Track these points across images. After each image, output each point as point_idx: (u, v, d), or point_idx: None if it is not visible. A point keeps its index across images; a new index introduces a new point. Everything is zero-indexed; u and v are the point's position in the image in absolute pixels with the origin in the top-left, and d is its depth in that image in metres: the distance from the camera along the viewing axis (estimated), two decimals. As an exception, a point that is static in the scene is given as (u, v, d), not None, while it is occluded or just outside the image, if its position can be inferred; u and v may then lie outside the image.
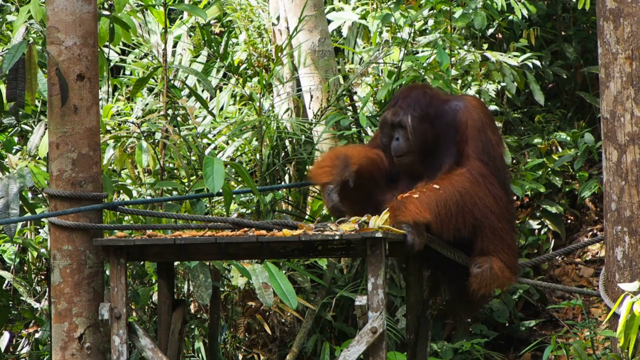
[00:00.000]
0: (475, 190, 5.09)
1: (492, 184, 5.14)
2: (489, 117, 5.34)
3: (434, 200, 5.00)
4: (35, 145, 6.45)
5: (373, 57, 8.34)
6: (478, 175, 5.12)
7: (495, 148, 5.24)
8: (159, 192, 6.83)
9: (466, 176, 5.11)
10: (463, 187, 5.07)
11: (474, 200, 5.07)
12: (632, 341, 4.85)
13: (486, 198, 5.11)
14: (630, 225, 5.09)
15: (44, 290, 7.07)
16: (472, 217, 5.08)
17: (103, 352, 5.30)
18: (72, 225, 5.22)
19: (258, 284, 6.12)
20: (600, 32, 5.18)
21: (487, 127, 5.25)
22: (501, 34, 9.46)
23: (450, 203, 5.02)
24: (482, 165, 5.16)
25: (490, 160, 5.19)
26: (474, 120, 5.25)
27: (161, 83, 7.18)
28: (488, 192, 5.12)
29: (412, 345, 5.52)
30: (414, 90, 5.39)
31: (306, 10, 8.04)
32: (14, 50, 5.18)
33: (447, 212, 5.02)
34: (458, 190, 5.06)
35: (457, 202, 5.03)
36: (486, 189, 5.11)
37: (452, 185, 5.07)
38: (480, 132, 5.22)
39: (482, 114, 5.28)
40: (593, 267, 8.79)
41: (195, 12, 6.93)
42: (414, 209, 4.98)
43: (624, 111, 5.10)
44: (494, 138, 5.26)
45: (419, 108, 5.29)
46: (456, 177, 5.11)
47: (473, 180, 5.10)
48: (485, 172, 5.15)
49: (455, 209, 5.03)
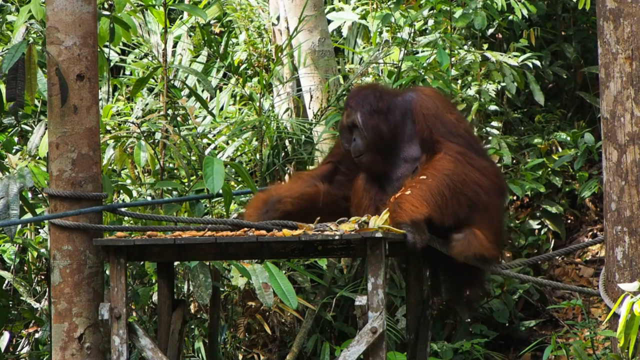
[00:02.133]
0: (460, 169, 5.09)
1: (472, 158, 5.15)
2: (442, 101, 5.35)
3: (427, 191, 5.00)
4: (35, 145, 6.45)
5: (373, 57, 8.34)
6: (456, 154, 5.12)
7: (458, 125, 5.25)
8: (159, 192, 6.83)
9: (446, 159, 5.11)
10: (448, 169, 5.07)
11: (462, 179, 5.07)
12: (632, 341, 4.85)
13: (472, 174, 5.11)
14: (630, 225, 5.09)
15: (44, 290, 7.07)
16: (465, 197, 5.08)
17: (103, 352, 5.30)
18: (72, 226, 5.22)
19: (258, 284, 6.12)
20: (600, 32, 5.18)
21: (442, 110, 5.26)
22: (501, 34, 9.46)
23: (443, 188, 5.02)
24: (455, 145, 5.16)
25: (460, 137, 5.20)
26: (427, 108, 5.26)
27: (161, 83, 7.18)
28: (472, 167, 5.12)
29: (412, 345, 5.52)
30: (363, 90, 5.42)
31: (306, 10, 8.04)
32: (14, 50, 5.18)
33: (442, 199, 5.02)
34: (445, 174, 5.06)
35: (448, 185, 5.04)
36: (469, 165, 5.12)
37: (437, 171, 5.07)
38: (437, 117, 5.24)
39: (435, 100, 5.30)
40: (593, 267, 8.79)
41: (195, 12, 6.94)
42: (409, 206, 4.98)
43: (624, 111, 5.10)
44: (453, 117, 5.27)
45: (367, 104, 5.29)
46: (437, 162, 5.12)
47: (454, 160, 5.10)
48: (461, 149, 5.15)
49: (448, 192, 5.03)
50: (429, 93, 5.38)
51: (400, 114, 5.32)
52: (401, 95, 5.39)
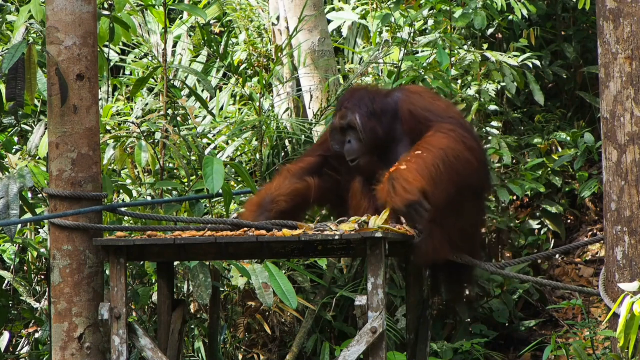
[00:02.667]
0: (454, 145, 5.07)
1: (464, 136, 5.13)
2: (429, 95, 5.35)
3: (423, 165, 4.97)
4: (35, 145, 6.45)
5: (373, 57, 8.34)
6: (448, 131, 5.11)
7: (448, 110, 5.24)
8: (159, 192, 6.83)
9: (439, 135, 5.09)
10: (443, 144, 5.05)
11: (455, 154, 5.05)
12: (632, 341, 4.85)
13: (465, 152, 5.08)
14: (630, 225, 5.09)
15: (44, 290, 7.07)
16: (457, 174, 5.06)
17: (103, 352, 5.30)
18: (72, 226, 5.22)
19: (258, 284, 6.12)
20: (600, 32, 5.18)
21: (430, 101, 5.26)
22: (501, 34, 9.46)
23: (438, 161, 4.99)
24: (447, 124, 5.15)
25: (451, 118, 5.18)
26: (413, 103, 5.26)
27: (161, 83, 7.18)
28: (464, 145, 5.10)
29: (412, 345, 5.52)
30: (357, 92, 5.41)
31: (306, 10, 8.04)
32: (14, 50, 5.18)
33: (437, 172, 4.98)
34: (441, 148, 5.03)
35: (443, 159, 5.01)
36: (461, 142, 5.10)
37: (432, 146, 5.04)
38: (425, 109, 5.23)
39: (422, 94, 5.31)
40: (593, 267, 8.79)
41: (195, 12, 6.94)
42: (401, 188, 4.92)
43: (624, 111, 5.10)
44: (442, 104, 5.27)
45: (364, 106, 5.29)
46: (431, 138, 5.10)
47: (447, 136, 5.09)
48: (453, 127, 5.13)
49: (443, 166, 5.01)
50: (415, 90, 5.39)
51: (391, 115, 5.32)
52: (390, 96, 5.38)
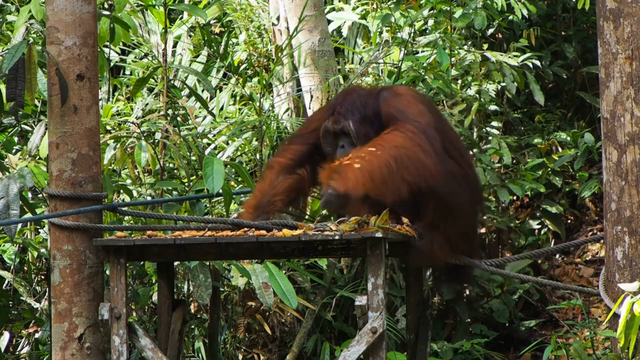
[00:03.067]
0: (409, 144, 5.03)
1: (421, 138, 5.07)
2: (410, 96, 5.29)
3: (376, 165, 4.94)
4: (36, 145, 6.45)
5: (373, 57, 8.34)
6: (406, 130, 5.07)
7: (420, 114, 5.18)
8: (159, 192, 6.83)
9: (395, 133, 5.06)
10: (397, 142, 5.02)
11: (408, 154, 5.01)
12: (632, 341, 4.85)
13: (419, 153, 5.04)
14: (630, 225, 5.09)
15: (44, 290, 7.07)
16: (409, 174, 5.02)
17: (103, 352, 5.30)
18: (72, 226, 5.22)
19: (258, 284, 6.12)
20: (600, 32, 5.18)
21: (405, 104, 5.21)
22: (501, 34, 9.46)
23: (391, 160, 4.96)
24: (409, 125, 5.11)
25: (415, 121, 5.13)
26: (391, 106, 5.22)
27: (161, 83, 7.18)
28: (420, 147, 5.06)
29: (412, 345, 5.52)
30: (349, 95, 5.36)
31: (306, 10, 8.04)
32: (14, 50, 5.18)
33: (389, 171, 4.95)
34: (394, 145, 5.00)
35: (395, 157, 4.98)
36: (417, 145, 5.06)
37: (386, 142, 5.01)
38: (397, 110, 5.19)
39: (401, 97, 5.26)
40: (593, 267, 8.79)
41: (195, 12, 6.94)
42: (351, 178, 4.89)
43: (624, 111, 5.10)
44: (415, 108, 5.20)
45: (357, 112, 5.26)
46: (387, 135, 5.07)
47: (403, 135, 5.05)
48: (413, 129, 5.09)
49: (395, 165, 4.97)
50: (398, 91, 5.34)
51: (378, 118, 5.29)
52: (378, 97, 5.34)
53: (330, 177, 4.92)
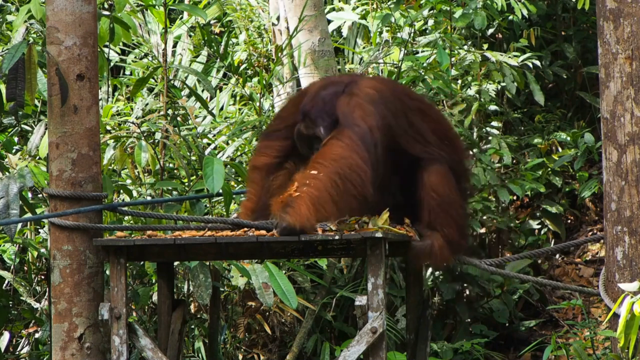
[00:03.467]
0: (347, 153, 4.99)
1: (357, 144, 5.02)
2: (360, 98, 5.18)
3: (324, 191, 4.91)
4: (35, 145, 6.45)
5: (373, 57, 8.34)
6: (343, 138, 5.02)
7: (362, 118, 5.10)
8: (159, 192, 6.83)
9: (334, 143, 5.01)
10: (337, 154, 4.98)
11: (349, 163, 4.98)
12: (632, 341, 4.85)
13: (357, 160, 5.00)
14: (630, 225, 5.09)
15: (44, 290, 7.07)
16: (352, 185, 4.99)
17: (103, 352, 5.30)
18: (72, 226, 5.22)
19: (258, 284, 6.12)
20: (600, 32, 5.18)
21: (351, 109, 5.13)
22: (501, 34, 9.46)
23: (335, 178, 4.92)
24: (347, 130, 5.05)
25: (355, 125, 5.07)
26: (342, 110, 5.15)
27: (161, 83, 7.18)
28: (357, 154, 5.01)
29: (412, 345, 5.52)
30: (318, 96, 5.28)
31: (306, 10, 8.04)
32: (14, 50, 5.18)
33: (336, 191, 4.93)
34: (334, 159, 4.96)
35: (338, 173, 4.94)
36: (355, 152, 5.01)
37: (327, 160, 4.97)
38: (343, 115, 5.12)
39: (350, 99, 5.16)
40: (593, 267, 8.80)
41: (195, 12, 6.94)
42: (304, 211, 4.88)
43: (624, 111, 5.10)
44: (359, 112, 5.12)
45: (327, 117, 5.19)
46: (327, 148, 5.02)
47: (343, 145, 5.00)
48: (350, 134, 5.04)
49: (340, 182, 4.94)
50: (355, 91, 5.22)
51: None
52: (342, 91, 5.25)
53: (283, 210, 4.89)
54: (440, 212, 5.25)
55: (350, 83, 5.28)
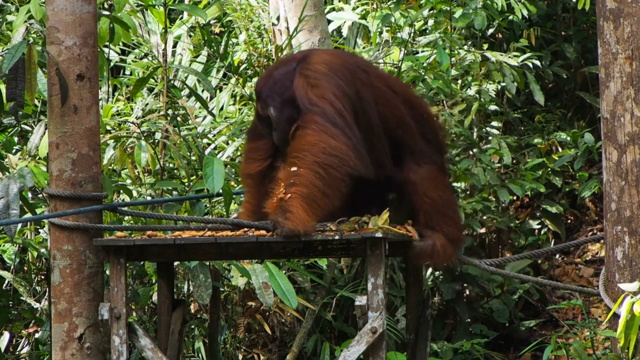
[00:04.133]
0: (320, 138, 4.95)
1: (324, 126, 4.97)
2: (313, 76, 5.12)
3: (313, 189, 4.89)
4: (35, 145, 6.45)
5: (373, 57, 8.34)
6: (311, 124, 4.98)
7: (317, 100, 5.05)
8: (159, 192, 6.83)
9: (303, 132, 4.97)
10: (308, 141, 4.94)
11: (322, 148, 4.94)
12: (632, 341, 4.85)
13: (332, 141, 4.96)
14: (630, 225, 5.09)
15: (44, 290, 7.07)
16: (336, 169, 4.95)
17: (103, 352, 5.30)
18: (72, 226, 5.22)
19: (258, 284, 6.12)
20: (600, 32, 5.18)
21: (305, 90, 5.07)
22: (501, 34, 9.46)
23: (317, 168, 4.89)
24: (312, 116, 5.00)
25: (315, 106, 5.02)
26: (299, 92, 5.08)
27: (161, 83, 7.18)
28: (326, 135, 4.96)
29: (412, 345, 5.52)
30: (270, 77, 5.20)
31: (306, 10, 8.04)
32: (14, 50, 5.18)
33: (323, 182, 4.91)
34: (307, 149, 4.92)
35: (317, 161, 4.90)
36: (323, 133, 4.97)
37: (300, 150, 4.94)
38: (301, 97, 5.06)
39: (311, 71, 5.11)
40: (593, 267, 8.80)
41: (195, 12, 6.94)
42: (301, 216, 4.87)
43: (624, 111, 5.10)
44: (315, 92, 5.05)
45: (277, 97, 5.12)
46: (297, 141, 4.98)
47: (310, 132, 4.96)
48: (317, 119, 4.99)
49: (323, 172, 4.91)
50: (306, 72, 5.14)
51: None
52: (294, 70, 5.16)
53: (282, 216, 4.88)
54: (437, 214, 5.25)
55: (301, 60, 5.19)
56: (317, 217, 4.91)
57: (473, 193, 8.16)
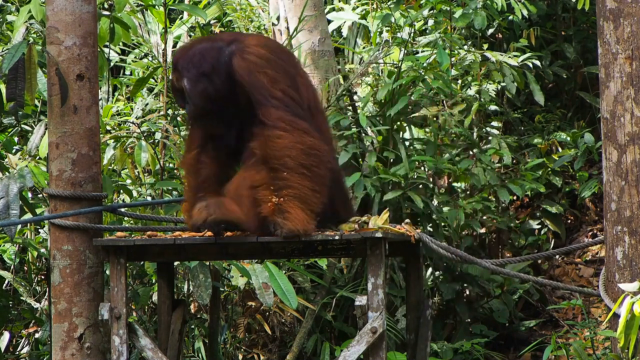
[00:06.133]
0: (293, 140, 4.89)
1: (292, 120, 4.92)
2: (262, 59, 5.01)
3: (298, 185, 4.87)
4: (35, 145, 6.45)
5: (373, 57, 8.34)
6: (277, 122, 4.90)
7: (276, 86, 4.96)
8: (159, 192, 6.83)
9: (273, 133, 4.89)
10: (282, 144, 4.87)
11: (299, 150, 4.89)
12: (632, 341, 4.85)
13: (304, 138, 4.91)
14: (630, 225, 5.09)
15: (44, 290, 7.07)
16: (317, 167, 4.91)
17: (103, 352, 5.30)
18: (72, 226, 5.22)
19: (258, 284, 6.12)
20: (600, 32, 5.18)
21: (258, 68, 4.96)
22: (501, 34, 9.46)
23: (298, 166, 4.86)
24: (273, 110, 4.93)
25: (274, 99, 4.94)
26: (242, 66, 4.97)
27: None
28: (299, 132, 4.91)
29: (412, 345, 5.52)
30: (188, 50, 5.08)
31: (306, 10, 8.04)
32: (14, 50, 5.18)
33: (309, 180, 4.89)
34: (281, 151, 4.86)
35: (293, 157, 4.86)
36: (296, 130, 4.91)
37: (273, 152, 4.88)
38: (252, 85, 4.96)
39: (253, 54, 5.00)
40: (593, 267, 8.80)
41: (195, 12, 6.94)
42: (300, 214, 4.86)
43: (624, 111, 5.10)
44: (267, 77, 4.96)
45: (193, 68, 5.00)
46: (273, 142, 4.89)
47: (281, 134, 4.89)
48: (280, 115, 4.92)
49: (304, 168, 4.88)
50: (247, 44, 5.03)
51: (225, 73, 5.02)
52: (223, 50, 5.04)
53: (280, 217, 4.87)
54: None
55: (234, 41, 5.07)
56: (314, 215, 4.92)
57: (473, 193, 8.16)
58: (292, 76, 5.06)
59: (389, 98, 7.77)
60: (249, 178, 4.95)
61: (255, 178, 4.94)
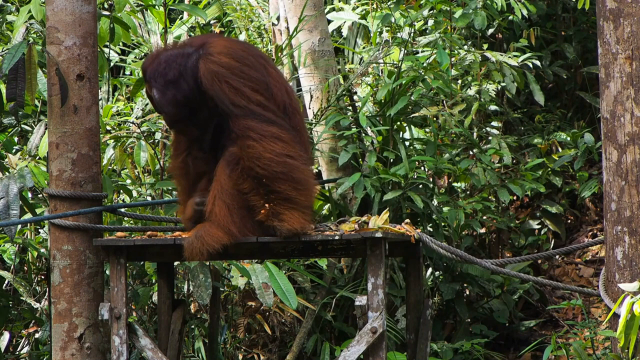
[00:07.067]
0: (262, 149, 4.93)
1: (261, 128, 4.94)
2: (224, 64, 5.00)
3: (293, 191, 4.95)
4: (35, 145, 6.45)
5: (373, 57, 8.33)
6: (245, 129, 4.93)
7: (240, 94, 4.96)
8: (159, 192, 6.83)
9: (247, 142, 4.93)
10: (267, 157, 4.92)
11: (283, 162, 4.94)
12: (632, 341, 4.85)
13: (272, 145, 4.94)
14: (630, 225, 5.09)
15: (44, 290, 7.07)
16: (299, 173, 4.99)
17: (103, 352, 5.30)
18: (72, 226, 5.22)
19: (258, 284, 6.12)
20: (600, 32, 5.18)
21: (220, 77, 4.97)
22: (501, 34, 9.46)
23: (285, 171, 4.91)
24: (243, 120, 4.96)
25: (252, 113, 4.96)
26: (205, 75, 4.97)
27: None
28: (281, 147, 4.96)
29: (412, 345, 5.52)
30: (156, 58, 5.09)
31: (306, 10, 8.03)
32: (14, 50, 5.19)
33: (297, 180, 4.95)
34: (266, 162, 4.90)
35: (281, 162, 4.92)
36: (265, 139, 4.94)
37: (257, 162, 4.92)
38: (215, 85, 4.96)
39: (216, 63, 4.99)
40: (593, 267, 8.79)
41: (195, 12, 6.94)
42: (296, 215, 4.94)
43: (624, 111, 5.10)
44: (232, 85, 4.96)
45: (160, 77, 5.02)
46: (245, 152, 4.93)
47: (253, 144, 4.92)
48: (248, 123, 4.95)
49: (292, 175, 4.94)
50: (212, 57, 5.00)
51: (193, 78, 5.01)
52: (190, 56, 5.04)
53: (276, 219, 4.92)
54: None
55: (201, 47, 5.06)
56: (308, 211, 4.95)
57: (473, 193, 8.16)
58: (259, 80, 5.04)
59: (388, 98, 7.76)
60: (234, 185, 4.97)
61: (243, 186, 4.98)
